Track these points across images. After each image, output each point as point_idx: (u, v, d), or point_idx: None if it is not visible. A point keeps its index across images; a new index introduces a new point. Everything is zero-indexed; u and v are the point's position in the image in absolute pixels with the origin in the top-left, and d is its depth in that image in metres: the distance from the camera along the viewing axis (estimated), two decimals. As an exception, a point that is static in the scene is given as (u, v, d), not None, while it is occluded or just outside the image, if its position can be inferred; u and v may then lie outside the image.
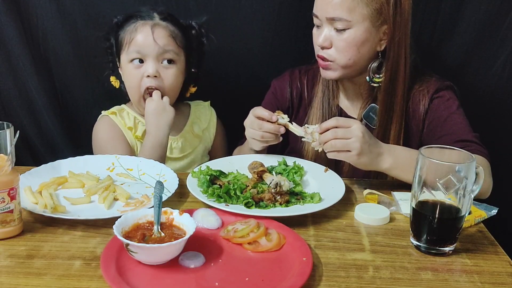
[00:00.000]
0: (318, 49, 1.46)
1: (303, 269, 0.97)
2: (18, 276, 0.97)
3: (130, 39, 1.56)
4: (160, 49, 1.55)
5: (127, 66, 1.58)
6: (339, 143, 1.25)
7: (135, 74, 1.57)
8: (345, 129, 1.25)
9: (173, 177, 1.35)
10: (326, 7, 1.39)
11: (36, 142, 1.96)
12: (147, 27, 1.55)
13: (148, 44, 1.54)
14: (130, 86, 1.61)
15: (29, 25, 1.82)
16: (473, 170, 1.04)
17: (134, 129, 1.66)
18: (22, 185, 1.19)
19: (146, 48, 1.55)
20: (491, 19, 1.74)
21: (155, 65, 1.56)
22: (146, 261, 0.99)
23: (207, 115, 1.77)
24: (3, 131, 1.07)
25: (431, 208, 1.06)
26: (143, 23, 1.57)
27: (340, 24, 1.38)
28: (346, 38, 1.40)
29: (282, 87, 1.63)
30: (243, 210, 1.18)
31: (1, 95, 1.90)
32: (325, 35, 1.42)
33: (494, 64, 1.79)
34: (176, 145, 1.68)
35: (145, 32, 1.55)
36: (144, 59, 1.56)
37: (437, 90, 1.50)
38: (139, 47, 1.55)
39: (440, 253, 1.08)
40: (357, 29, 1.39)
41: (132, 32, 1.56)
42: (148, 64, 1.56)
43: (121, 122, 1.66)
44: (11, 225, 1.09)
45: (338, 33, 1.40)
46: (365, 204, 1.26)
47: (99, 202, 1.24)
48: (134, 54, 1.56)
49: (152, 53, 1.55)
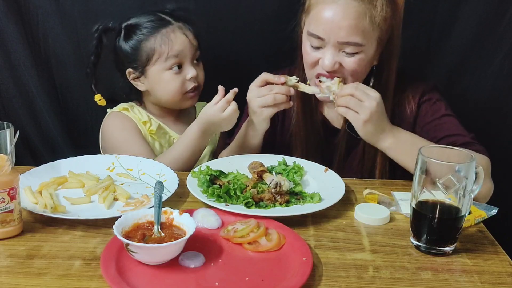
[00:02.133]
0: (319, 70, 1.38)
1: (303, 269, 0.97)
2: (18, 276, 0.97)
3: (167, 49, 1.56)
4: (193, 49, 1.60)
5: (163, 75, 1.59)
6: (353, 101, 1.25)
7: (176, 80, 1.59)
8: (364, 93, 1.26)
9: (173, 177, 1.36)
10: (337, 31, 1.31)
11: (36, 142, 1.96)
12: (178, 32, 1.58)
13: (186, 49, 1.59)
14: (170, 92, 1.62)
15: (30, 25, 1.82)
16: (473, 170, 1.04)
17: (149, 123, 1.67)
18: (22, 185, 1.19)
19: (185, 53, 1.58)
20: (489, 18, 1.74)
21: (192, 67, 1.61)
22: (146, 261, 0.99)
23: None
24: (3, 131, 1.07)
25: (431, 208, 1.06)
26: (171, 30, 1.57)
27: (351, 49, 1.33)
28: (357, 61, 1.35)
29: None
30: (243, 210, 1.18)
31: (1, 95, 1.90)
32: (334, 59, 1.35)
33: (492, 63, 1.79)
34: None
35: (181, 38, 1.58)
36: (182, 64, 1.59)
37: (423, 94, 1.48)
38: (178, 54, 1.57)
39: (440, 253, 1.08)
40: (367, 52, 1.35)
41: (167, 42, 1.56)
42: (187, 68, 1.60)
43: (135, 116, 1.67)
44: (11, 225, 1.09)
45: (346, 56, 1.35)
46: (365, 204, 1.26)
47: (99, 202, 1.25)
48: (173, 63, 1.57)
49: (189, 55, 1.59)
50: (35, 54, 1.85)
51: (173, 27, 1.58)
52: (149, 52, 1.57)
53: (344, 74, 1.38)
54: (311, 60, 1.40)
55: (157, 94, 1.65)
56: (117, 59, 1.65)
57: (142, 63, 1.60)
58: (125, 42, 1.61)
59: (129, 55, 1.60)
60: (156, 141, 1.67)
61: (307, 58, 1.41)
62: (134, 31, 1.59)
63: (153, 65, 1.58)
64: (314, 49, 1.38)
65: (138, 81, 1.65)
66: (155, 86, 1.63)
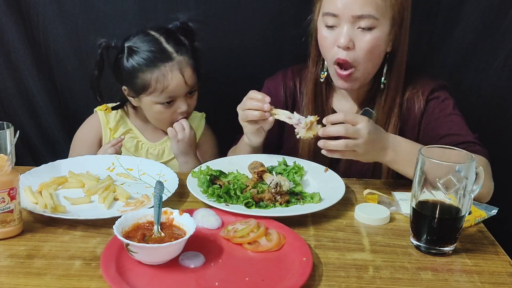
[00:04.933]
0: (335, 53, 1.38)
1: (303, 269, 0.97)
2: (18, 276, 0.97)
3: (162, 87, 1.55)
4: (189, 88, 1.60)
5: (154, 106, 1.60)
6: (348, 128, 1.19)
7: (166, 113, 1.61)
8: (353, 128, 1.20)
9: (173, 177, 1.36)
10: (351, 5, 1.31)
11: (36, 142, 1.96)
12: (176, 73, 1.56)
13: (181, 88, 1.58)
14: (161, 121, 1.64)
15: (30, 25, 1.82)
16: (473, 170, 1.04)
17: (114, 130, 1.70)
18: (22, 185, 1.19)
19: (179, 92, 1.59)
20: (491, 18, 1.74)
21: (186, 101, 1.61)
22: (146, 261, 0.99)
23: (195, 126, 1.74)
24: (3, 131, 1.07)
25: (431, 208, 1.06)
26: (169, 68, 1.55)
27: (366, 23, 1.32)
28: (372, 39, 1.34)
29: (276, 86, 1.60)
30: (243, 210, 1.18)
31: (1, 95, 1.90)
32: (348, 34, 1.33)
33: (493, 62, 1.79)
34: (152, 151, 1.71)
35: (178, 79, 1.56)
36: (175, 99, 1.59)
37: (432, 91, 1.48)
38: (173, 93, 1.57)
39: (440, 253, 1.07)
40: (381, 29, 1.35)
41: (164, 80, 1.55)
42: (180, 103, 1.60)
43: (104, 121, 1.70)
44: (11, 225, 1.09)
45: (362, 33, 1.34)
46: (365, 204, 1.26)
47: (99, 202, 1.25)
48: (166, 99, 1.58)
49: (183, 93, 1.60)
50: (35, 54, 1.85)
51: (172, 64, 1.55)
52: (144, 84, 1.57)
53: (359, 56, 1.36)
54: (328, 43, 1.39)
55: (147, 116, 1.68)
56: (116, 74, 1.65)
57: (137, 89, 1.60)
58: (125, 61, 1.59)
59: (127, 76, 1.60)
60: (124, 146, 1.68)
61: (324, 43, 1.40)
62: (135, 55, 1.58)
63: (146, 95, 1.59)
64: (330, 30, 1.37)
65: (132, 99, 1.66)
66: (145, 111, 1.66)
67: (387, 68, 1.44)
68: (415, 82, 1.50)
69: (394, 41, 1.41)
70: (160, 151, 1.72)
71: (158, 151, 1.72)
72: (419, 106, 1.48)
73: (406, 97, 1.49)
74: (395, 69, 1.44)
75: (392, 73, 1.44)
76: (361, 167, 1.51)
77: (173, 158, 1.70)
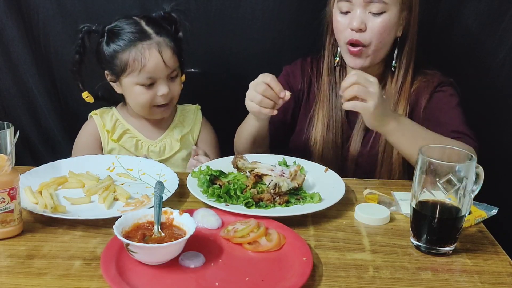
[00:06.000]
0: (348, 34, 1.46)
1: (303, 269, 0.97)
2: (18, 276, 0.97)
3: (140, 66, 1.54)
4: (169, 70, 1.58)
5: (135, 88, 1.59)
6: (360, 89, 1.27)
7: (146, 95, 1.59)
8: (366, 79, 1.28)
9: (173, 177, 1.36)
10: None
11: (36, 142, 1.96)
12: (154, 51, 1.55)
13: (160, 69, 1.56)
14: (140, 104, 1.62)
15: (30, 24, 1.82)
16: (473, 170, 1.04)
17: (112, 132, 1.69)
18: (22, 185, 1.19)
19: (158, 73, 1.56)
20: (491, 18, 1.74)
21: (166, 84, 1.59)
22: (146, 261, 0.99)
23: (191, 119, 1.76)
24: (3, 131, 1.07)
25: (431, 208, 1.06)
26: (147, 46, 1.55)
27: (376, 7, 1.42)
28: (382, 22, 1.43)
29: (295, 71, 1.67)
30: (243, 210, 1.18)
31: (1, 94, 1.90)
32: (361, 17, 1.43)
33: (493, 62, 1.79)
34: (153, 149, 1.70)
35: (155, 58, 1.55)
36: (154, 82, 1.58)
37: (441, 84, 1.55)
38: (151, 73, 1.56)
39: (440, 253, 1.07)
40: (391, 13, 1.44)
41: (140, 59, 1.54)
42: (160, 85, 1.58)
43: (100, 124, 1.70)
44: (11, 225, 1.09)
45: (373, 17, 1.43)
46: (365, 204, 1.26)
47: (99, 202, 1.25)
48: (145, 80, 1.56)
49: (163, 75, 1.58)
50: (35, 53, 1.85)
51: (150, 42, 1.55)
52: (123, 64, 1.57)
53: (370, 36, 1.45)
54: (342, 26, 1.48)
55: (128, 102, 1.68)
56: (98, 59, 1.66)
57: (117, 71, 1.60)
58: (106, 46, 1.60)
59: (107, 59, 1.60)
60: (121, 147, 1.69)
61: (338, 25, 1.49)
62: (115, 37, 1.58)
63: (126, 76, 1.58)
64: (343, 15, 1.47)
65: (114, 84, 1.66)
66: (126, 95, 1.65)
67: (398, 52, 1.52)
68: (426, 73, 1.57)
69: (404, 26, 1.49)
70: (162, 147, 1.71)
71: (159, 148, 1.71)
72: (426, 95, 1.54)
73: (415, 86, 1.55)
74: (404, 54, 1.52)
75: (402, 57, 1.53)
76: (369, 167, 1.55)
77: (175, 153, 1.70)
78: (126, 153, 1.67)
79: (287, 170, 1.32)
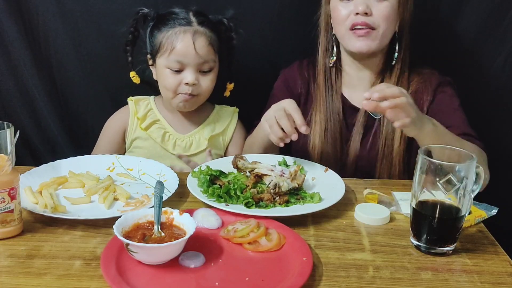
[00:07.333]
0: (353, 19, 1.45)
1: (303, 269, 0.97)
2: (18, 276, 0.97)
3: (171, 48, 1.54)
4: (201, 59, 1.55)
5: (165, 70, 1.58)
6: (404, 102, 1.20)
7: (173, 79, 1.57)
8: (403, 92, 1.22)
9: (173, 177, 1.36)
10: None
11: (36, 142, 1.96)
12: (188, 36, 1.54)
13: (189, 55, 1.54)
14: (166, 87, 1.61)
15: (30, 24, 1.82)
16: (473, 170, 1.04)
17: (142, 120, 1.69)
18: (22, 185, 1.19)
19: (187, 59, 1.54)
20: (491, 18, 1.74)
21: (194, 74, 1.56)
22: (146, 261, 0.99)
23: (226, 120, 1.74)
24: (3, 131, 1.07)
25: (431, 208, 1.06)
26: (183, 30, 1.54)
27: None
28: (386, 6, 1.44)
29: (293, 75, 1.67)
30: (243, 210, 1.18)
31: (1, 95, 1.90)
32: (365, 2, 1.43)
33: (494, 62, 1.79)
34: (180, 143, 1.68)
35: (187, 42, 1.53)
36: (183, 68, 1.56)
37: (441, 84, 1.54)
38: (180, 57, 1.54)
39: (440, 253, 1.08)
40: (393, 2, 1.45)
41: (173, 40, 1.54)
42: (188, 73, 1.56)
43: (133, 110, 1.70)
44: (11, 225, 1.09)
45: (377, 2, 1.44)
46: (365, 204, 1.26)
47: (99, 202, 1.25)
48: (174, 63, 1.55)
49: (192, 63, 1.55)
50: (35, 54, 1.85)
51: (187, 28, 1.55)
52: (158, 44, 1.58)
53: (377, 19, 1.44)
54: (344, 14, 1.47)
55: (159, 87, 1.66)
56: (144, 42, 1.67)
57: (153, 53, 1.61)
58: (151, 28, 1.62)
59: (149, 41, 1.62)
60: (149, 136, 1.68)
61: (340, 14, 1.48)
62: (162, 21, 1.59)
63: (159, 58, 1.58)
64: (345, 3, 1.47)
65: (153, 69, 1.66)
66: (158, 78, 1.64)
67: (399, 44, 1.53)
68: (423, 72, 1.57)
69: (400, 22, 1.49)
70: (188, 143, 1.68)
71: (186, 143, 1.68)
72: (427, 96, 1.54)
73: (414, 87, 1.55)
74: (402, 48, 1.53)
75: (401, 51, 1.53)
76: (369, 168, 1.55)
77: (201, 151, 1.68)
78: (152, 143, 1.67)
79: (287, 170, 1.32)
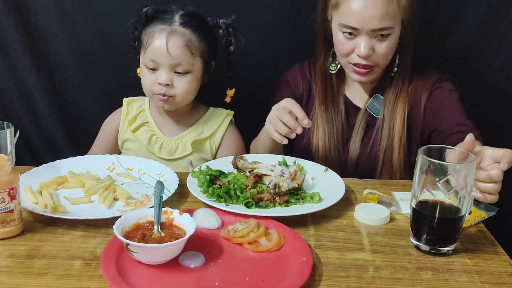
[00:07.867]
0: (355, 58, 1.46)
1: (303, 269, 0.97)
2: (18, 276, 0.97)
3: (147, 44, 1.53)
4: (173, 60, 1.51)
5: (143, 68, 1.57)
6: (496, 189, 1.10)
7: (148, 78, 1.55)
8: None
9: (173, 177, 1.36)
10: (370, 20, 1.39)
11: (36, 142, 1.96)
12: (163, 34, 1.51)
13: (162, 54, 1.50)
14: (143, 86, 1.59)
15: (29, 24, 1.82)
16: (473, 170, 1.04)
17: (131, 121, 1.68)
18: (22, 185, 1.19)
19: (159, 58, 1.51)
20: (491, 18, 1.74)
21: (167, 74, 1.52)
22: (146, 261, 0.99)
23: (216, 124, 1.68)
24: (3, 131, 1.07)
25: (431, 208, 1.06)
26: (161, 29, 1.52)
27: (384, 32, 1.42)
28: (389, 44, 1.44)
29: (295, 77, 1.67)
30: (243, 210, 1.18)
31: (1, 95, 1.90)
32: (368, 45, 1.42)
33: (493, 62, 1.79)
34: (166, 146, 1.66)
35: (160, 41, 1.50)
36: (157, 67, 1.53)
37: (438, 80, 1.56)
38: (153, 55, 1.52)
39: (440, 253, 1.08)
40: (395, 33, 1.45)
41: (150, 37, 1.53)
42: (161, 72, 1.52)
43: (125, 111, 1.70)
44: (11, 225, 1.09)
45: (379, 40, 1.43)
46: (365, 204, 1.26)
47: (99, 202, 1.25)
48: (148, 61, 1.53)
49: (164, 62, 1.51)
50: (35, 54, 1.85)
51: (165, 27, 1.52)
52: (141, 40, 1.57)
53: (378, 58, 1.46)
54: (346, 50, 1.47)
55: None
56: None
57: (137, 50, 1.61)
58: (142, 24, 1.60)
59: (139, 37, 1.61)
60: (136, 139, 1.67)
61: (342, 48, 1.48)
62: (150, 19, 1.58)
63: (139, 54, 1.58)
64: (348, 39, 1.45)
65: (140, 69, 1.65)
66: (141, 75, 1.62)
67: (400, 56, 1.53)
68: (422, 71, 1.58)
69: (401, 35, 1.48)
70: (174, 147, 1.66)
71: (172, 147, 1.66)
72: (425, 93, 1.55)
73: (413, 85, 1.56)
74: (403, 59, 1.53)
75: (402, 63, 1.54)
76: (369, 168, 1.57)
77: (185, 156, 1.65)
78: (139, 145, 1.66)
79: (287, 170, 1.32)
